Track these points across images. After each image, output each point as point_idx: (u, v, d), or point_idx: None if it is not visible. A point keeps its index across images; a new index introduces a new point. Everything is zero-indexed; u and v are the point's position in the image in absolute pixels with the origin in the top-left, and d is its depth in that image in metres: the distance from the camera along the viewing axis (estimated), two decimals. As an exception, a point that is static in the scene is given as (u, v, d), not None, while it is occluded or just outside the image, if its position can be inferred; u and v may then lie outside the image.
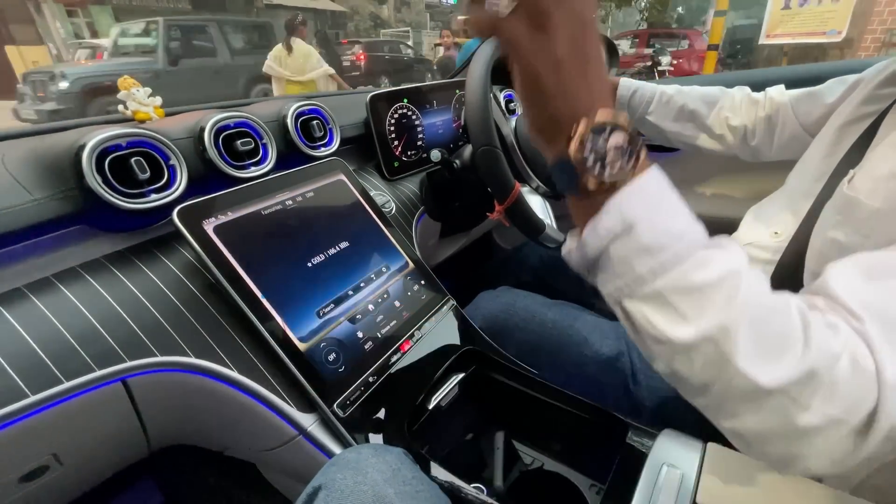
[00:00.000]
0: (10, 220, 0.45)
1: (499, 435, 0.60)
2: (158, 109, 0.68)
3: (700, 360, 0.30)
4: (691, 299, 0.29)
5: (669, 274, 0.29)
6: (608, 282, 0.32)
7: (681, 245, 0.30)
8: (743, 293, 0.29)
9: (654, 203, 0.30)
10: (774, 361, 0.28)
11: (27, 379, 0.41)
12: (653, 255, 0.29)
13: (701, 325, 0.29)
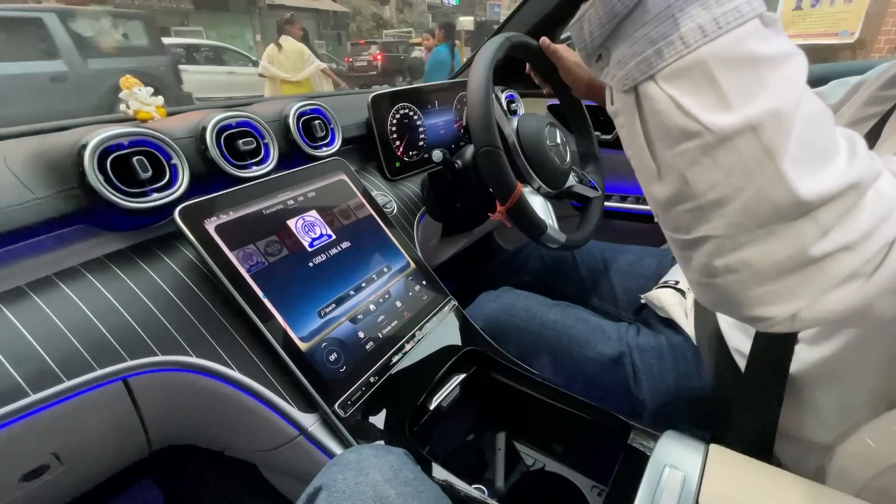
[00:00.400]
0: (11, 219, 0.45)
1: (500, 436, 0.60)
2: (160, 109, 0.68)
3: (730, 161, 0.24)
4: (742, 76, 0.24)
5: (725, 37, 0.23)
6: (631, 55, 0.25)
7: (747, 4, 0.23)
8: (803, 82, 0.24)
9: None
10: (818, 171, 0.24)
11: (28, 378, 0.41)
12: (708, 6, 0.23)
13: (748, 111, 0.23)
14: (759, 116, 0.23)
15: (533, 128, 0.75)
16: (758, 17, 0.24)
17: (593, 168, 0.89)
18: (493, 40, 0.68)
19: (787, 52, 0.25)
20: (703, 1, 0.23)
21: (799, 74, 0.25)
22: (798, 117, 0.24)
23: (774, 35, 0.25)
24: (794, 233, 0.25)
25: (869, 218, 0.25)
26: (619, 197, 1.23)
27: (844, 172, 0.25)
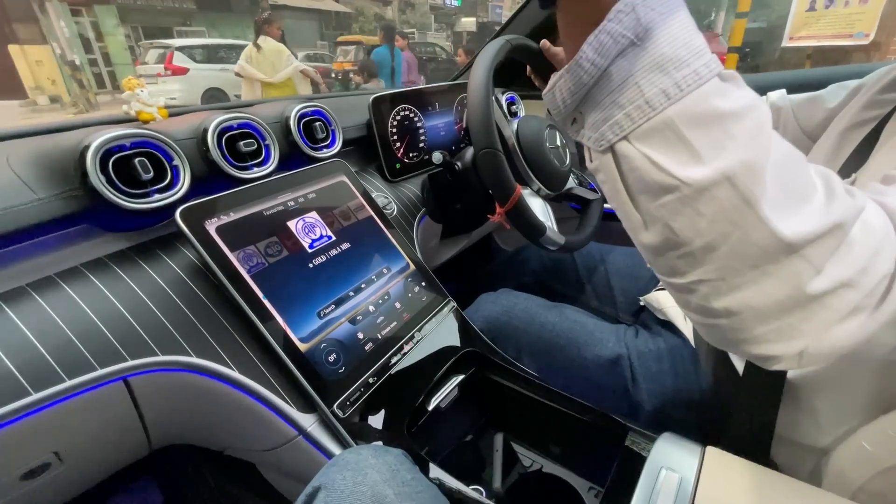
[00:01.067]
0: (14, 219, 0.45)
1: (498, 437, 0.61)
2: (162, 110, 0.68)
3: (711, 211, 0.25)
4: (709, 132, 0.24)
5: (685, 99, 0.24)
6: (603, 119, 0.27)
7: (700, 63, 0.25)
8: (768, 130, 0.25)
9: (672, 6, 0.25)
10: (796, 212, 0.25)
11: (29, 377, 0.41)
12: (667, 72, 0.25)
13: (720, 163, 0.24)
14: (732, 167, 0.24)
15: (533, 130, 0.75)
16: (717, 76, 0.25)
17: None
18: (494, 43, 0.68)
19: (750, 104, 0.25)
20: (663, 67, 0.24)
21: (764, 123, 0.25)
22: (769, 163, 0.24)
23: (735, 89, 0.26)
24: (787, 272, 0.25)
25: (862, 252, 0.25)
26: (619, 199, 1.23)
27: (824, 212, 0.25)
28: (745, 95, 0.26)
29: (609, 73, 0.26)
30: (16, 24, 9.74)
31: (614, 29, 0.25)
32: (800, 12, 5.13)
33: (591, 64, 0.26)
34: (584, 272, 0.94)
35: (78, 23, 10.19)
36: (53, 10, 9.30)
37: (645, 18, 0.24)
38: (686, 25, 0.26)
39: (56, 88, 9.68)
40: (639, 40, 0.25)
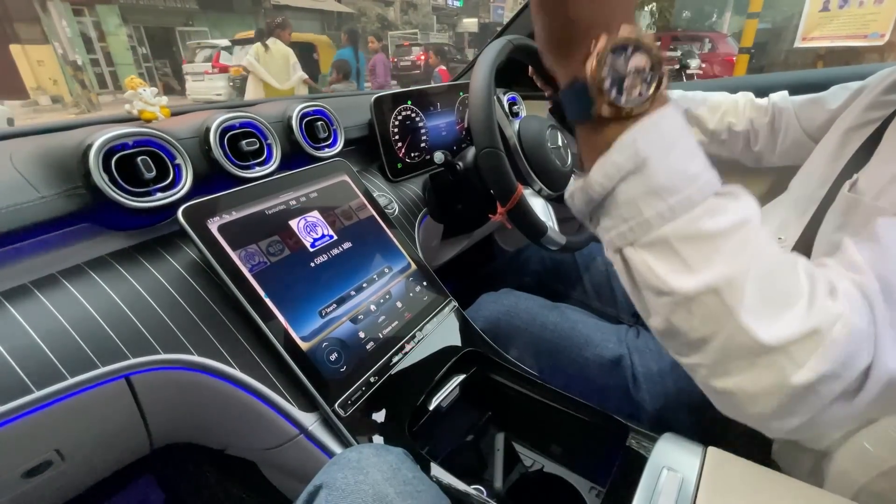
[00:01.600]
0: (17, 217, 0.45)
1: (499, 436, 0.60)
2: (164, 109, 0.69)
3: (701, 313, 0.28)
4: (698, 248, 0.28)
5: (678, 220, 0.28)
6: (611, 227, 0.31)
7: (693, 189, 0.28)
8: (752, 245, 0.28)
9: (670, 140, 0.29)
10: (777, 318, 0.28)
11: (32, 375, 0.41)
12: (662, 197, 0.28)
13: (706, 276, 0.28)
14: (717, 280, 0.28)
15: (534, 130, 0.75)
16: (711, 196, 0.29)
17: None
18: (496, 43, 0.68)
19: (740, 220, 0.29)
20: (659, 193, 0.28)
21: (749, 238, 0.29)
22: (751, 277, 0.28)
23: (730, 202, 0.29)
24: (772, 365, 0.28)
25: (842, 350, 0.27)
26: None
27: (804, 318, 0.28)
28: (738, 209, 0.29)
29: (615, 194, 0.30)
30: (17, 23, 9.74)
31: (617, 159, 0.29)
32: (813, 13, 5.02)
33: (599, 186, 0.30)
34: (585, 273, 0.94)
35: (80, 22, 10.20)
36: (55, 9, 9.32)
37: (643, 151, 0.28)
38: (685, 153, 0.30)
39: (58, 89, 9.70)
40: (638, 170, 0.28)
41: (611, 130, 0.29)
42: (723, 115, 0.79)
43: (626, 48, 0.27)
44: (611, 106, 0.28)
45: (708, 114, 0.80)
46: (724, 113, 0.79)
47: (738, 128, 0.78)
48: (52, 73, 9.59)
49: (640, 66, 0.27)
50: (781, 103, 0.76)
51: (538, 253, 1.01)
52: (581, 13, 0.27)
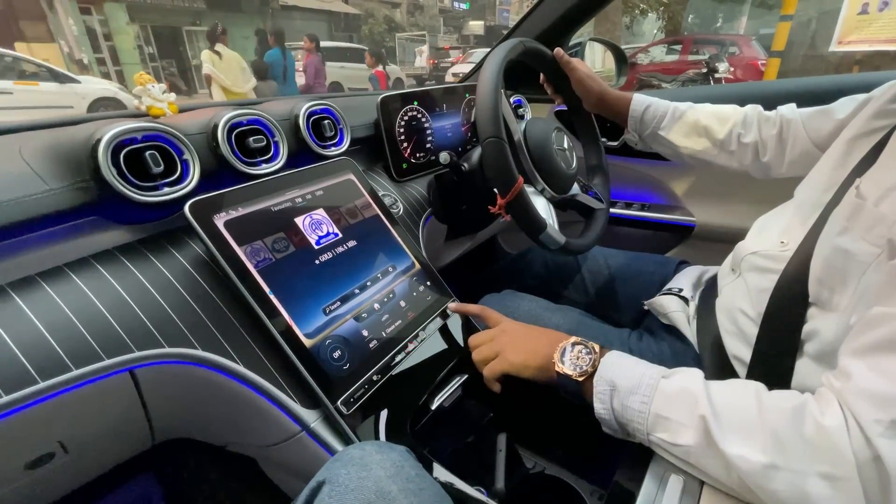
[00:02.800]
0: (25, 209, 0.45)
1: (501, 436, 0.60)
2: (172, 105, 0.69)
3: (711, 457, 0.39)
4: (676, 408, 0.41)
5: (654, 398, 0.43)
6: (634, 430, 0.45)
7: (649, 378, 0.44)
8: (706, 389, 0.41)
9: (618, 364, 0.47)
10: (751, 438, 0.37)
11: (37, 365, 0.41)
12: (635, 392, 0.44)
13: (692, 424, 0.40)
14: (698, 421, 0.41)
15: (540, 130, 0.75)
16: (661, 378, 0.45)
17: (600, 181, 0.89)
18: (509, 41, 0.69)
19: (688, 381, 0.44)
20: (632, 391, 0.45)
21: (703, 388, 0.42)
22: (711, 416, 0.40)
23: (678, 375, 0.45)
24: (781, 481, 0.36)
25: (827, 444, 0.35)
26: (623, 204, 1.23)
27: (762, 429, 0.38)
28: (684, 376, 0.45)
29: (613, 408, 0.46)
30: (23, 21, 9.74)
31: (599, 388, 0.47)
32: (850, 16, 4.88)
33: (603, 410, 0.46)
34: (588, 276, 0.94)
35: (86, 21, 10.24)
36: (62, 7, 9.36)
37: (607, 377, 0.46)
38: (631, 363, 0.48)
39: (62, 87, 9.73)
40: (612, 388, 0.46)
41: (589, 383, 0.48)
42: (732, 126, 0.79)
43: (564, 351, 0.51)
44: (577, 373, 0.48)
45: (717, 125, 0.80)
46: (732, 125, 0.79)
47: (747, 139, 0.78)
48: (58, 72, 9.64)
49: (581, 348, 0.50)
50: (789, 115, 0.76)
51: (541, 255, 1.00)
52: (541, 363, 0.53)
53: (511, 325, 0.58)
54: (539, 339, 0.55)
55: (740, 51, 8.14)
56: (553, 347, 0.51)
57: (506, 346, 0.55)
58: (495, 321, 0.61)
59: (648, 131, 0.84)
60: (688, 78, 7.14)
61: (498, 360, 0.55)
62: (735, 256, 0.67)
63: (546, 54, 0.79)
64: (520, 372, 0.53)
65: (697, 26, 15.00)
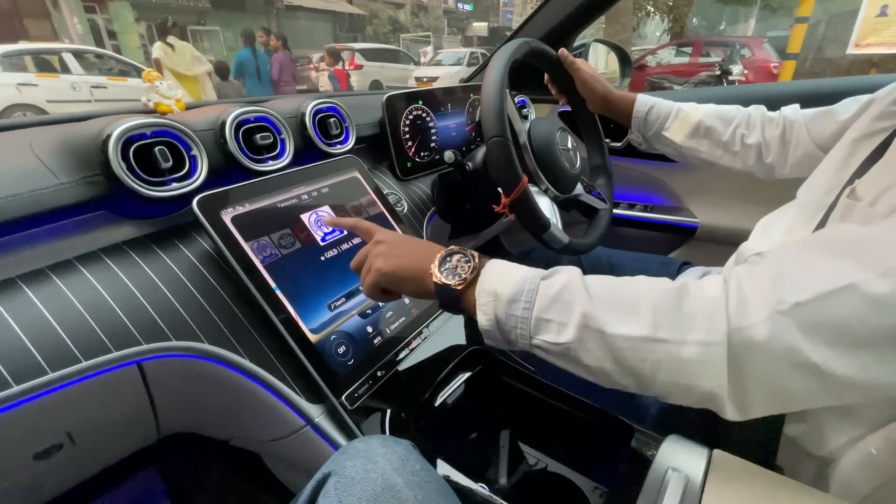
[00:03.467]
0: (36, 202, 0.46)
1: (504, 433, 0.61)
2: (180, 102, 0.70)
3: (591, 346, 0.38)
4: (557, 309, 0.40)
5: (535, 303, 0.41)
6: (516, 337, 0.42)
7: (529, 284, 0.42)
8: (584, 287, 0.40)
9: (499, 272, 0.44)
10: (633, 316, 0.37)
11: (47, 357, 0.42)
12: (518, 300, 0.41)
13: (573, 322, 0.39)
14: (580, 319, 0.39)
15: (545, 130, 0.75)
16: (540, 279, 0.42)
17: (604, 181, 0.89)
18: (514, 41, 0.69)
19: (567, 280, 0.41)
20: (514, 299, 0.42)
21: (581, 283, 0.40)
22: (598, 303, 0.39)
23: (557, 276, 0.42)
24: (662, 353, 0.36)
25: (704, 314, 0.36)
26: (626, 205, 1.23)
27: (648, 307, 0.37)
28: (563, 275, 0.42)
29: (497, 318, 0.43)
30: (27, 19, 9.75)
31: (482, 299, 0.43)
32: (869, 18, 4.79)
33: (486, 321, 0.43)
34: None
35: (90, 19, 10.25)
36: (67, 6, 9.38)
37: (488, 286, 0.43)
38: (511, 270, 0.44)
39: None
40: (494, 297, 0.43)
41: (470, 291, 0.44)
42: (735, 127, 0.79)
43: (444, 259, 0.46)
44: (458, 282, 0.44)
45: (721, 126, 0.80)
46: (736, 125, 0.79)
47: (750, 140, 0.78)
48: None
49: (460, 257, 0.46)
50: (792, 116, 0.77)
51: (544, 255, 1.01)
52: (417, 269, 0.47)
53: (385, 235, 0.51)
54: (414, 248, 0.49)
55: (752, 53, 8.02)
56: (430, 257, 0.47)
57: (377, 256, 0.49)
58: (370, 233, 0.53)
59: (652, 132, 0.84)
60: (700, 80, 7.06)
61: (371, 271, 0.49)
62: (739, 257, 0.67)
63: (551, 55, 0.79)
64: (393, 283, 0.48)
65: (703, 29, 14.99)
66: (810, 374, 0.33)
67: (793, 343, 0.33)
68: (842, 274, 0.33)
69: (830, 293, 0.32)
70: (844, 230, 0.40)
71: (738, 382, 0.35)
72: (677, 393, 0.37)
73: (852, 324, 0.32)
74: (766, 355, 0.33)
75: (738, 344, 0.34)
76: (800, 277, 0.34)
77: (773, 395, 0.35)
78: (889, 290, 0.31)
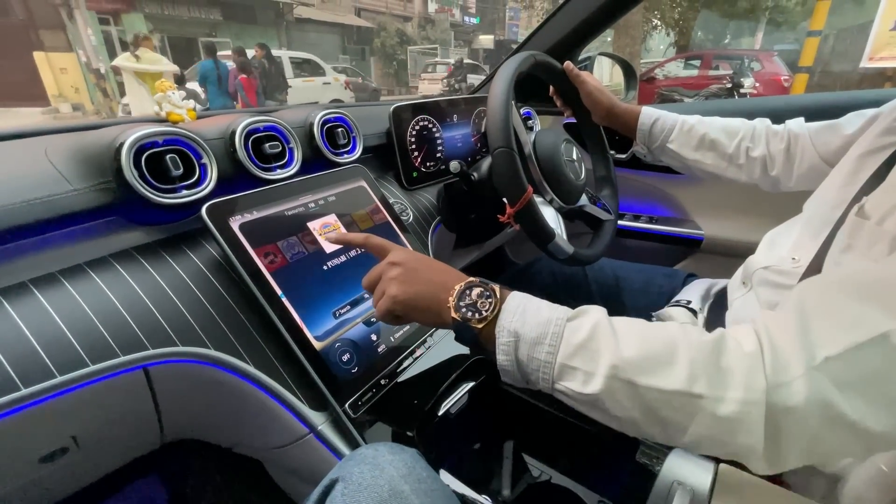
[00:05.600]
0: (49, 208, 0.47)
1: (507, 444, 0.60)
2: (191, 112, 0.71)
3: (620, 397, 0.36)
4: (583, 356, 0.38)
5: (559, 348, 0.38)
6: (537, 379, 0.40)
7: (552, 326, 0.39)
8: (614, 332, 0.38)
9: (521, 311, 0.41)
10: (668, 368, 0.35)
11: (55, 360, 0.42)
12: (541, 343, 0.39)
13: (602, 372, 0.36)
14: (609, 370, 0.36)
15: (550, 141, 0.76)
16: (566, 321, 0.40)
17: (609, 192, 0.89)
18: (520, 54, 0.70)
19: (594, 324, 0.39)
20: (539, 342, 0.39)
21: (611, 330, 0.39)
22: (628, 353, 0.37)
23: (584, 319, 0.40)
24: (696, 409, 0.35)
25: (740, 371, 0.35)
26: (631, 216, 1.23)
27: (684, 359, 0.36)
28: (590, 319, 0.39)
29: (518, 359, 0.40)
30: (42, 30, 9.92)
31: (501, 340, 0.41)
32: (882, 31, 4.79)
33: (507, 361, 0.41)
34: (595, 287, 0.94)
35: (104, 31, 10.45)
36: (82, 17, 9.58)
37: (510, 327, 0.40)
38: (534, 310, 0.41)
39: (79, 97, 9.86)
40: (516, 338, 0.40)
41: (489, 330, 0.41)
42: (740, 140, 0.80)
43: (464, 292, 0.43)
44: (477, 320, 0.42)
45: (726, 139, 0.80)
46: (741, 138, 0.80)
47: (755, 153, 0.79)
48: (75, 81, 9.74)
49: (480, 292, 0.43)
50: (797, 129, 0.77)
51: (549, 266, 1.01)
52: (435, 298, 0.45)
53: (400, 255, 0.48)
54: (431, 276, 0.46)
55: (762, 66, 8.01)
56: (448, 287, 0.44)
57: (392, 281, 0.46)
58: (384, 251, 0.50)
59: (657, 144, 0.84)
60: (711, 93, 7.05)
61: (384, 297, 0.46)
62: (746, 270, 0.67)
63: (556, 67, 0.80)
64: (407, 312, 0.46)
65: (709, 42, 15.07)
66: (847, 430, 0.32)
67: (828, 399, 0.32)
68: (871, 323, 0.32)
69: (861, 346, 0.32)
70: (864, 270, 0.39)
71: (775, 439, 0.34)
72: (710, 447, 0.36)
73: (886, 377, 0.31)
74: (803, 413, 0.32)
75: (776, 402, 0.33)
76: (827, 328, 0.33)
77: (809, 450, 0.34)
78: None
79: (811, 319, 0.34)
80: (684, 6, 11.33)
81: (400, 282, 0.46)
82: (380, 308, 0.47)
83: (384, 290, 0.46)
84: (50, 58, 9.53)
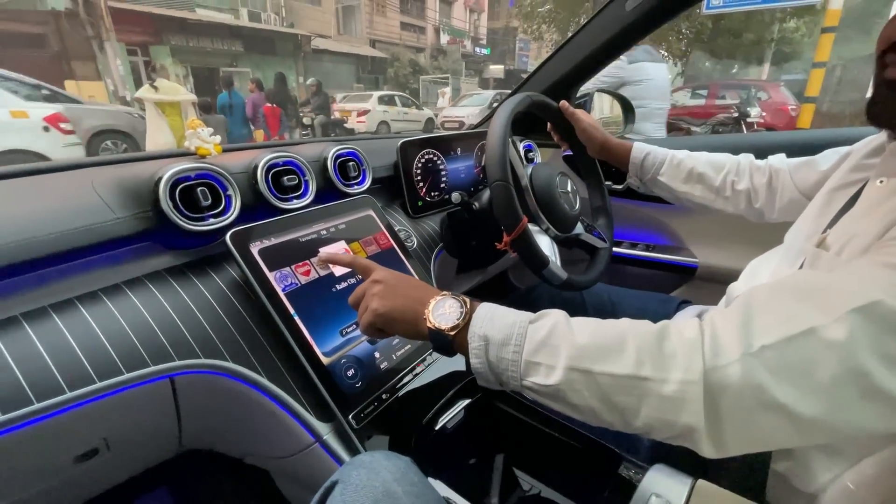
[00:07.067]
0: (96, 234, 0.53)
1: (498, 457, 0.64)
2: (217, 146, 0.78)
3: (578, 386, 0.40)
4: (545, 352, 0.42)
5: (524, 346, 0.43)
6: (508, 379, 0.44)
7: (518, 328, 0.44)
8: (570, 330, 0.42)
9: (489, 318, 0.46)
10: (618, 355, 0.39)
11: (95, 368, 0.48)
12: (508, 344, 0.43)
13: (561, 364, 0.41)
14: (568, 362, 0.41)
15: (545, 174, 0.82)
16: (528, 323, 0.44)
17: (604, 222, 0.94)
18: (517, 95, 0.77)
19: (553, 323, 0.43)
20: (505, 343, 0.44)
21: (568, 327, 0.43)
22: (584, 345, 0.41)
23: (544, 320, 0.44)
24: (645, 391, 0.38)
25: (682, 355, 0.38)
26: (628, 244, 1.28)
27: (633, 347, 0.40)
28: (549, 319, 0.44)
29: (489, 361, 0.45)
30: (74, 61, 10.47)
31: (473, 344, 0.45)
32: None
33: (479, 364, 0.45)
34: (592, 311, 0.98)
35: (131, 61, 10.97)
36: (111, 49, 10.09)
37: (479, 331, 0.45)
38: (500, 315, 0.46)
39: (105, 121, 10.31)
40: (485, 342, 0.45)
41: (461, 336, 0.46)
42: (726, 174, 0.85)
43: (437, 304, 0.48)
44: (450, 328, 0.46)
45: (712, 173, 0.85)
46: (727, 172, 0.85)
47: (740, 186, 0.83)
48: (102, 107, 10.21)
49: (452, 302, 0.48)
50: (778, 164, 0.82)
51: (548, 291, 1.05)
52: (413, 312, 0.49)
53: (382, 274, 0.53)
54: (409, 291, 0.51)
55: (769, 96, 8.06)
56: (424, 301, 0.49)
57: (374, 296, 0.51)
58: (367, 271, 0.55)
59: (649, 176, 0.90)
60: (718, 122, 7.12)
61: (367, 311, 0.50)
62: (728, 297, 0.71)
63: (551, 106, 0.87)
64: (387, 323, 0.50)
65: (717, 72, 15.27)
66: (780, 414, 0.35)
67: (762, 383, 0.35)
68: (802, 319, 0.35)
69: (793, 337, 0.35)
70: (809, 276, 0.43)
71: (715, 420, 0.36)
72: (659, 427, 0.39)
73: (813, 367, 0.34)
74: (738, 394, 0.35)
75: (713, 382, 0.36)
76: (766, 321, 0.37)
77: (747, 433, 0.37)
78: (844, 336, 0.34)
79: (754, 314, 0.38)
80: (690, 39, 11.56)
81: (381, 297, 0.50)
82: (363, 321, 0.51)
83: (367, 305, 0.51)
84: (80, 86, 10.00)
